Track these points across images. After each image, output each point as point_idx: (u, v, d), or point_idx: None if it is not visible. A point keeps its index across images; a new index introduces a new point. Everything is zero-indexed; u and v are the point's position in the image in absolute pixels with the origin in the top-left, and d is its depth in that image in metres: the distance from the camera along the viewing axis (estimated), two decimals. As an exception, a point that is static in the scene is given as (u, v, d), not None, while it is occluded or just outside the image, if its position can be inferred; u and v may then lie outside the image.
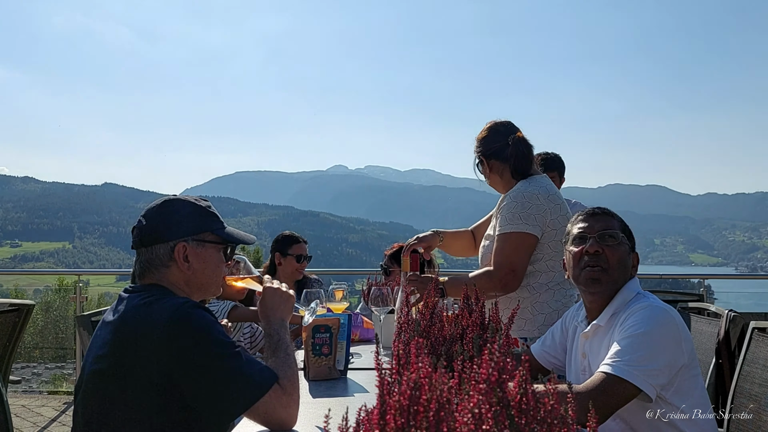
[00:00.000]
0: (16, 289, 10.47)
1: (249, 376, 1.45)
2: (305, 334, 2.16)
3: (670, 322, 1.68)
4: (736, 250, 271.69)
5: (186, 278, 1.62)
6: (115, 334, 1.49)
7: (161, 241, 1.60)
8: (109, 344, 1.49)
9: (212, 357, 1.43)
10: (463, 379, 0.81)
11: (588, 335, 1.88)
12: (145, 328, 1.45)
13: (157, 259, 1.60)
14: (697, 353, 2.48)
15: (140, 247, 1.62)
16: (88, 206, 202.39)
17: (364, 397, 1.77)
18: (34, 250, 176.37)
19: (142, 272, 1.62)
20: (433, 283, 2.17)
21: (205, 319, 1.48)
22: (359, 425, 0.76)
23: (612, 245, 1.81)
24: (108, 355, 1.48)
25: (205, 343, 1.44)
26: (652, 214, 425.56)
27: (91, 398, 1.49)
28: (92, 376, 1.50)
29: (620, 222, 1.89)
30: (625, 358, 1.61)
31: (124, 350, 1.45)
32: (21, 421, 4.63)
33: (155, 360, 1.42)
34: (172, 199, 1.67)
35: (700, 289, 5.50)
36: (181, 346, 1.42)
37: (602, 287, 1.81)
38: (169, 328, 1.43)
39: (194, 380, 1.42)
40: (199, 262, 1.62)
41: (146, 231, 1.61)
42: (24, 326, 2.80)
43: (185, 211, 1.64)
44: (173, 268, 1.61)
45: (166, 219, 1.62)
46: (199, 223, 1.65)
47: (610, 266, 1.79)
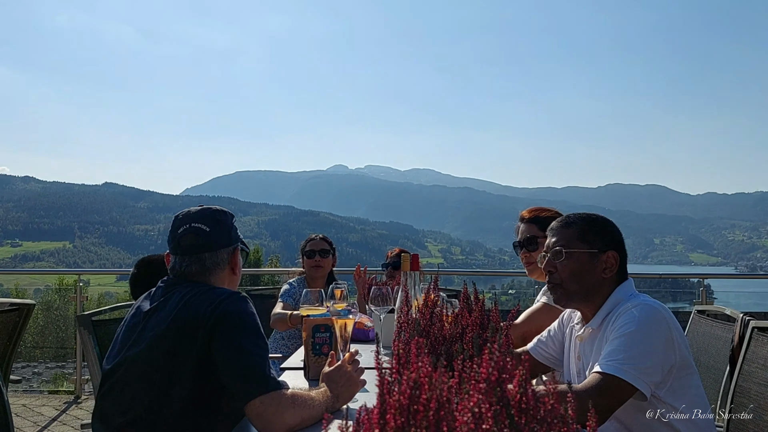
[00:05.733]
0: (17, 289, 10.47)
1: (269, 370, 1.57)
2: (305, 334, 2.16)
3: (660, 320, 1.68)
4: (736, 249, 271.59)
5: (230, 280, 1.85)
6: (177, 318, 1.63)
7: (225, 246, 1.82)
8: (171, 327, 1.63)
9: (252, 339, 1.60)
10: (463, 378, 0.82)
11: (582, 338, 1.89)
12: (204, 308, 1.62)
13: (220, 263, 1.81)
14: (710, 359, 2.46)
15: (206, 251, 1.78)
16: (89, 206, 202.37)
17: (364, 396, 1.78)
18: (34, 249, 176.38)
19: (198, 273, 1.77)
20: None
21: (251, 309, 1.68)
22: (359, 425, 0.76)
23: (560, 261, 1.84)
24: (167, 337, 1.62)
25: (250, 328, 1.62)
26: (651, 213, 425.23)
27: (139, 382, 1.61)
28: (142, 360, 1.63)
29: (578, 229, 1.86)
30: (618, 357, 1.61)
31: (184, 331, 1.61)
32: (22, 421, 4.63)
33: (210, 332, 1.59)
34: (220, 209, 1.88)
35: (700, 288, 5.50)
36: (231, 324, 1.60)
37: (562, 301, 1.87)
38: (223, 306, 1.62)
39: (232, 352, 1.57)
40: (239, 266, 1.88)
41: (213, 237, 1.80)
42: (24, 326, 2.81)
43: (232, 219, 1.89)
44: (226, 271, 1.83)
45: (225, 226, 1.84)
46: (237, 231, 1.90)
47: (563, 282, 1.84)
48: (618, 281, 1.85)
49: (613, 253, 1.84)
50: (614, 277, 1.84)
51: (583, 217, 1.91)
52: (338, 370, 1.71)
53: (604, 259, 1.83)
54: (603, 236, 1.85)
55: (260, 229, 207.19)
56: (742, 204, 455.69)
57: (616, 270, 1.84)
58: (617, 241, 1.87)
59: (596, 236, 1.85)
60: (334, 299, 2.57)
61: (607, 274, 1.83)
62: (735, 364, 2.08)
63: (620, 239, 1.89)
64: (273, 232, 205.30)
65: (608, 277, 1.83)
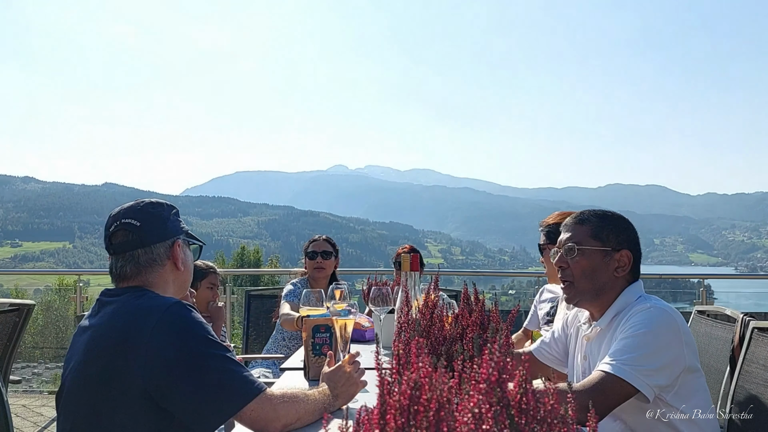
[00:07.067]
0: (17, 289, 10.48)
1: (240, 378, 1.44)
2: (305, 334, 2.16)
3: (671, 323, 1.67)
4: (736, 250, 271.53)
5: (175, 277, 1.68)
6: (103, 338, 1.47)
7: (161, 240, 1.64)
8: (96, 348, 1.47)
9: (205, 356, 1.42)
10: (463, 378, 0.81)
11: (590, 337, 1.88)
12: (135, 329, 1.43)
13: (157, 258, 1.63)
14: (711, 359, 2.45)
15: (138, 248, 1.62)
16: (89, 206, 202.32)
17: (364, 396, 1.77)
18: (34, 250, 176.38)
19: (134, 273, 1.62)
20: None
21: (196, 318, 1.49)
22: (359, 425, 0.76)
23: (573, 257, 1.82)
24: (94, 359, 1.46)
25: (194, 341, 1.44)
26: (651, 213, 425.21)
27: (76, 406, 1.48)
28: (76, 383, 1.48)
29: (593, 226, 1.84)
30: (623, 358, 1.61)
31: (114, 353, 1.43)
32: (21, 421, 4.63)
33: (145, 360, 1.40)
34: (153, 201, 1.71)
35: (700, 289, 5.50)
36: (172, 344, 1.41)
37: (573, 299, 1.85)
38: (160, 326, 1.42)
39: (185, 379, 1.40)
40: (186, 260, 1.71)
41: (145, 231, 1.62)
42: (24, 326, 2.80)
43: (170, 212, 1.71)
44: (167, 267, 1.66)
45: (159, 219, 1.67)
46: (180, 224, 1.73)
47: (574, 279, 1.83)
48: (629, 281, 1.83)
49: (626, 252, 1.81)
50: (627, 277, 1.82)
51: (599, 214, 1.88)
52: (338, 370, 1.69)
53: (618, 257, 1.80)
54: (617, 234, 1.82)
55: (260, 229, 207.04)
56: (742, 204, 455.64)
57: (629, 269, 1.82)
58: (632, 240, 1.84)
59: (610, 234, 1.82)
60: (334, 299, 2.57)
61: (619, 273, 1.80)
62: (735, 365, 2.08)
63: (635, 238, 1.86)
64: (273, 232, 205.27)
65: (620, 276, 1.80)
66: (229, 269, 13.37)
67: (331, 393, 1.61)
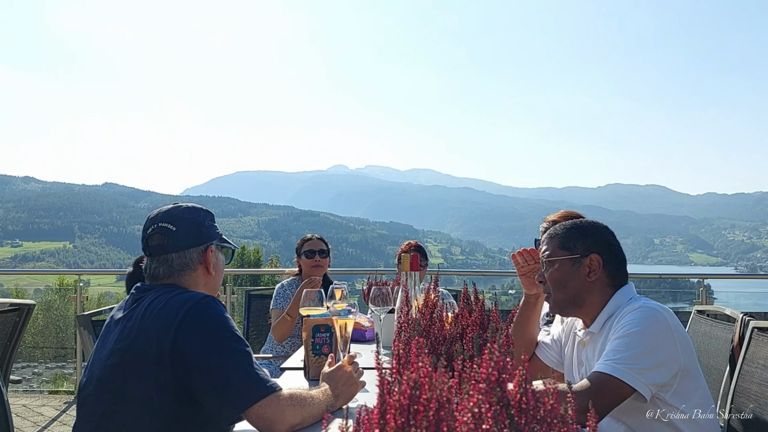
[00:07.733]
0: (17, 289, 10.48)
1: (256, 375, 1.50)
2: (305, 334, 2.16)
3: (662, 321, 1.68)
4: (736, 249, 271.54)
5: (206, 281, 1.75)
6: (135, 328, 1.55)
7: (195, 245, 1.72)
8: (131, 337, 1.55)
9: (230, 349, 1.50)
10: (463, 378, 0.82)
11: (584, 343, 1.90)
12: (167, 319, 1.52)
13: (190, 263, 1.70)
14: (710, 359, 2.45)
15: (172, 252, 1.69)
16: (89, 206, 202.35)
17: (364, 396, 1.78)
18: (34, 249, 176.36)
19: (167, 275, 1.69)
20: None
21: (224, 312, 1.58)
22: (359, 425, 0.76)
23: (547, 271, 1.89)
24: (129, 347, 1.54)
25: (221, 334, 1.52)
26: (651, 213, 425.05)
27: (106, 393, 1.54)
28: (110, 370, 1.55)
29: (560, 238, 1.88)
30: (617, 357, 1.61)
31: (146, 340, 1.51)
32: (22, 421, 4.63)
33: (173, 347, 1.48)
34: (190, 206, 1.78)
35: (700, 288, 5.50)
36: (198, 335, 1.50)
37: (554, 310, 1.90)
38: (190, 317, 1.51)
39: (206, 369, 1.47)
40: (218, 264, 1.78)
41: (180, 236, 1.70)
42: (24, 326, 2.80)
43: (206, 217, 1.78)
44: (199, 271, 1.73)
45: (195, 224, 1.74)
46: (215, 229, 1.80)
47: (551, 291, 1.88)
48: (617, 285, 1.84)
49: (595, 256, 1.82)
50: (606, 280, 1.83)
51: (566, 225, 1.91)
52: (338, 370, 1.70)
53: (587, 263, 1.82)
54: (584, 241, 1.85)
55: (260, 229, 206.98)
56: (742, 204, 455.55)
57: (601, 273, 1.82)
58: (600, 244, 1.85)
59: (576, 242, 1.85)
60: (334, 299, 2.57)
61: (591, 278, 1.82)
62: (735, 365, 2.08)
63: (605, 241, 1.86)
64: (273, 232, 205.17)
65: (594, 280, 1.82)
66: (229, 269, 13.36)
67: (332, 393, 1.63)
